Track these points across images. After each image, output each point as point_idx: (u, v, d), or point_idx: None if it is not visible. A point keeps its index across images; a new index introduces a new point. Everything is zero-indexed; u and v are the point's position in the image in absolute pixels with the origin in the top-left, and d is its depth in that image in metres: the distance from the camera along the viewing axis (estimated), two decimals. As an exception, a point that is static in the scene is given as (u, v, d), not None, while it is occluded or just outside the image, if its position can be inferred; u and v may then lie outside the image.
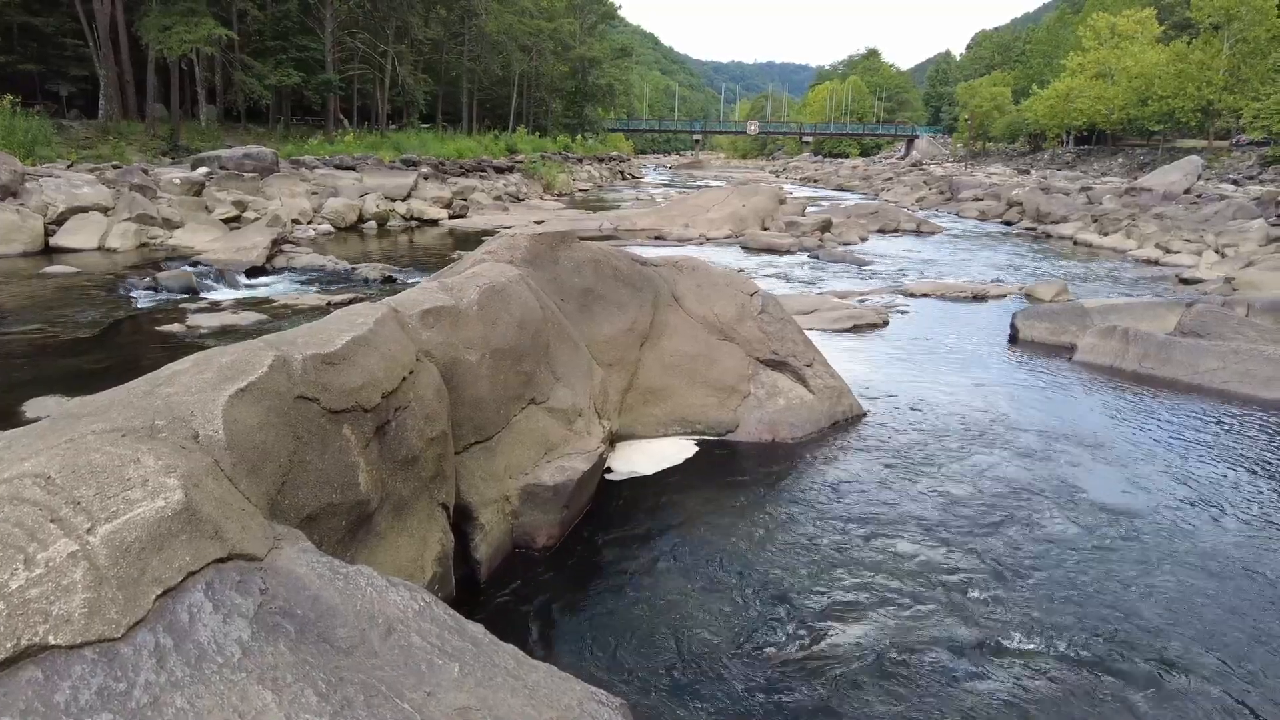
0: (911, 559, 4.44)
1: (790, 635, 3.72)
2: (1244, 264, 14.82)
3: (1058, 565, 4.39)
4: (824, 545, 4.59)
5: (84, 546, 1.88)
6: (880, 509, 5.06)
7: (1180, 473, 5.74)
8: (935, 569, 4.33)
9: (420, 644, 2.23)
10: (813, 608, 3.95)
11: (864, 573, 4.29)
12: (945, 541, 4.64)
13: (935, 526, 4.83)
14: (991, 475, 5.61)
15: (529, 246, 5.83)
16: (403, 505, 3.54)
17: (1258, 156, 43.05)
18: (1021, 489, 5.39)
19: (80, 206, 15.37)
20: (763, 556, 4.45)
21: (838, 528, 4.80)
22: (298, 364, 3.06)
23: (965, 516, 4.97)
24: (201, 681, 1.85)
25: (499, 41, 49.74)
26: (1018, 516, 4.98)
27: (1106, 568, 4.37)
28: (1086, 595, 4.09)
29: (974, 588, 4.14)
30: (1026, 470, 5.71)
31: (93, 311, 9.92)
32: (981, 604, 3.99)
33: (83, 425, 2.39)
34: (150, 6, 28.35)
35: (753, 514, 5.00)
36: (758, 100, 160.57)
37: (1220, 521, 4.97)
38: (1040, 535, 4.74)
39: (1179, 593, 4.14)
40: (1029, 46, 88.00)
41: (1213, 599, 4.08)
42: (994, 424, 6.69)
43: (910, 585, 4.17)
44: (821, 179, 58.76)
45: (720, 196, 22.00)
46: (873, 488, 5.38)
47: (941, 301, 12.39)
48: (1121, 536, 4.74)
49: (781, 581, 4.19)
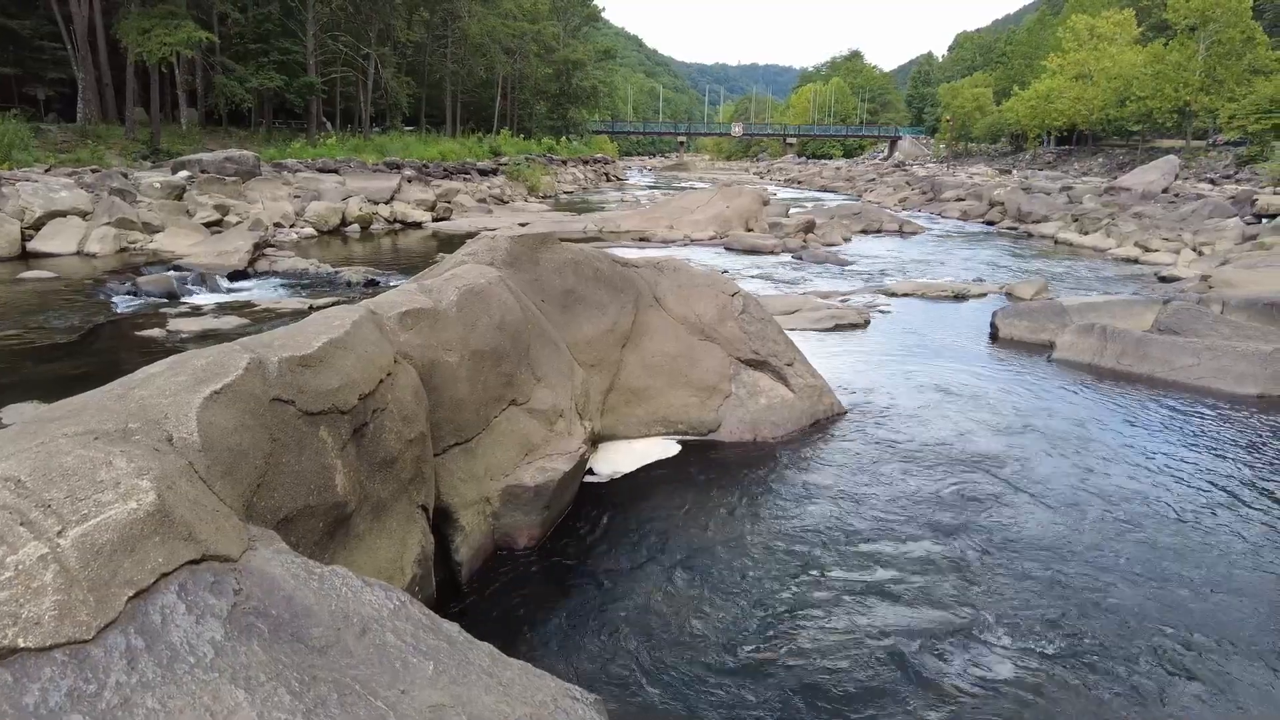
0: (890, 557, 4.49)
1: (769, 633, 3.75)
2: (1220, 262, 15.03)
3: (1036, 561, 4.44)
4: (804, 544, 4.62)
5: (54, 549, 1.88)
6: (860, 507, 5.11)
7: (1156, 468, 5.82)
8: (913, 566, 4.38)
9: (395, 643, 2.24)
10: (792, 606, 3.98)
11: (843, 571, 4.33)
12: (924, 539, 4.69)
13: (914, 524, 4.88)
14: (970, 473, 5.67)
15: (509, 248, 5.84)
16: (381, 507, 3.54)
17: (1233, 156, 43.64)
18: (1000, 486, 5.45)
19: (58, 211, 15.22)
20: (743, 556, 4.48)
21: (818, 526, 4.84)
22: (273, 366, 3.06)
23: (944, 514, 5.02)
24: (173, 682, 1.85)
25: (482, 44, 49.62)
26: (997, 513, 5.04)
27: (1084, 562, 4.43)
28: (1064, 590, 4.15)
29: (952, 585, 4.19)
30: (1005, 467, 5.78)
31: (71, 316, 9.84)
32: (959, 601, 4.04)
33: (54, 428, 2.39)
34: (129, 9, 28.08)
35: (734, 513, 5.03)
36: (741, 102, 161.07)
37: (1196, 514, 5.05)
38: (1019, 532, 4.79)
39: (1154, 585, 4.20)
40: (1010, 48, 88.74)
41: (1189, 591, 4.15)
42: (973, 422, 6.76)
43: (889, 583, 4.21)
44: (805, 180, 59.02)
45: (704, 198, 22.06)
46: (853, 486, 5.43)
47: (923, 301, 12.49)
48: (1099, 532, 4.80)
49: (761, 580, 4.22)
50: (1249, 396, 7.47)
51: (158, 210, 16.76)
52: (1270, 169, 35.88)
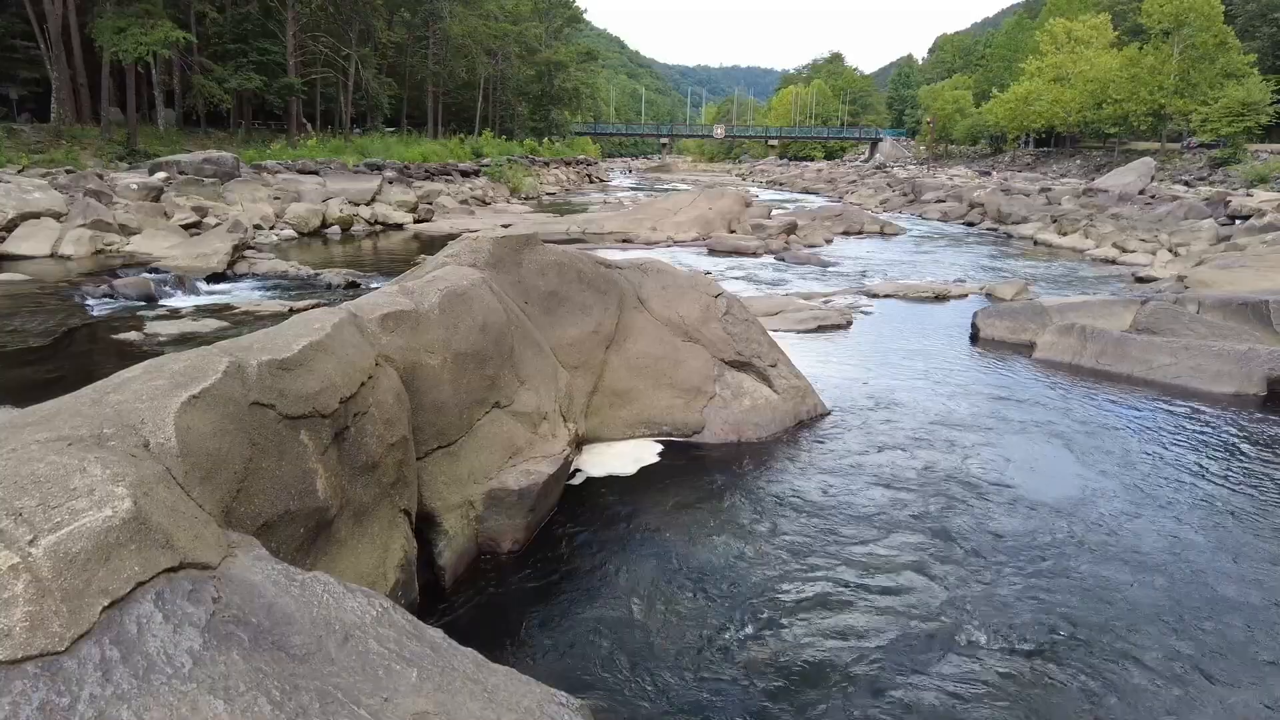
0: (874, 557, 4.50)
1: (753, 635, 3.74)
2: (1195, 262, 15.24)
3: (1019, 559, 4.47)
4: (788, 545, 4.62)
5: (25, 558, 1.83)
6: (844, 507, 5.12)
7: (1135, 466, 5.88)
8: (897, 566, 4.39)
9: (378, 650, 2.21)
10: (776, 608, 3.98)
11: (827, 571, 4.33)
12: (907, 538, 4.70)
13: (898, 524, 4.89)
14: (952, 472, 5.70)
15: (492, 250, 5.80)
16: (363, 512, 3.50)
17: (1207, 158, 44.36)
18: (983, 485, 5.48)
19: (31, 212, 14.97)
20: (727, 557, 4.48)
21: (802, 527, 4.84)
22: (253, 370, 3.01)
23: (926, 513, 5.04)
24: (149, 693, 1.81)
25: (463, 45, 49.39)
26: (980, 512, 5.06)
27: (1062, 559, 4.46)
28: (1042, 587, 4.17)
29: (936, 584, 4.20)
30: (986, 466, 5.81)
31: (46, 320, 9.67)
32: (944, 600, 4.05)
33: (26, 435, 2.33)
34: (104, 8, 27.67)
35: (718, 514, 5.02)
36: (724, 104, 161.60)
37: (1174, 510, 5.10)
38: (1000, 530, 4.82)
39: (1132, 582, 4.24)
40: (989, 50, 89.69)
41: (1165, 586, 4.19)
42: (954, 421, 6.80)
43: (872, 583, 4.22)
44: (787, 182, 59.25)
45: (687, 200, 22.08)
46: (837, 486, 5.44)
47: (904, 302, 12.57)
48: (1079, 529, 4.84)
49: (746, 582, 4.21)
50: (1225, 395, 7.57)
51: (134, 212, 16.52)
52: (1243, 171, 36.50)
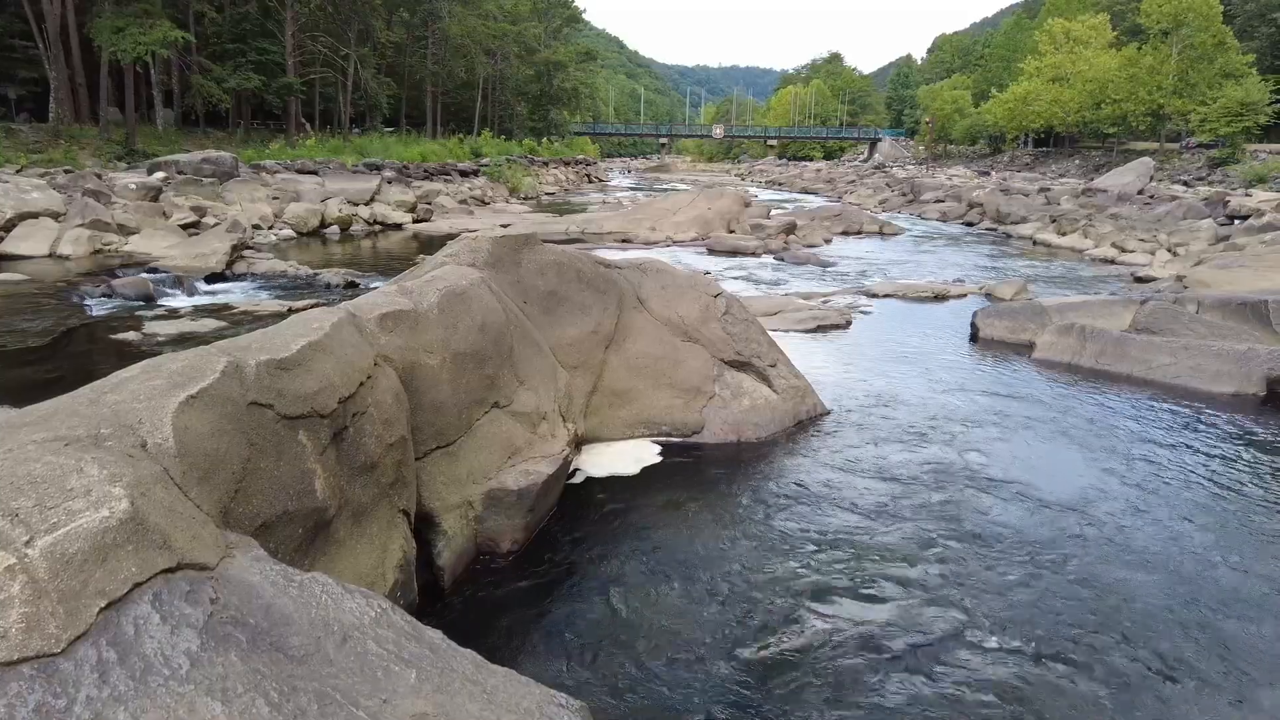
0: (874, 555, 4.49)
1: (753, 636, 3.73)
2: (1194, 262, 15.24)
3: (1015, 558, 4.46)
4: (788, 545, 4.61)
5: (21, 559, 1.82)
6: (844, 506, 5.11)
7: (1133, 464, 5.88)
8: (897, 565, 4.38)
9: (376, 651, 2.20)
10: (776, 608, 3.97)
11: (828, 571, 4.32)
12: (907, 537, 4.70)
13: (897, 523, 4.88)
14: (951, 471, 5.69)
15: (491, 249, 5.79)
16: (362, 512, 3.49)
17: (1206, 158, 44.37)
18: (983, 484, 5.48)
19: (30, 212, 14.95)
20: (727, 558, 4.47)
21: (802, 527, 4.83)
22: (251, 370, 3.00)
23: (927, 512, 5.03)
24: (147, 695, 1.80)
25: (462, 45, 49.35)
26: (980, 511, 5.06)
27: (1062, 558, 4.45)
28: (1043, 587, 4.16)
29: (936, 583, 4.20)
30: (986, 466, 5.81)
31: (44, 320, 9.66)
32: (944, 599, 4.04)
33: (23, 435, 2.32)
34: (103, 8, 27.62)
35: (718, 515, 5.01)
36: (723, 104, 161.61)
37: (1173, 509, 5.10)
38: (1000, 530, 4.81)
39: (1131, 581, 4.23)
40: (988, 50, 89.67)
41: (1164, 585, 4.18)
42: (954, 421, 6.79)
43: (873, 582, 4.21)
44: (786, 182, 59.23)
45: (686, 200, 22.07)
46: (836, 485, 5.43)
47: (904, 302, 12.56)
48: (1078, 528, 4.83)
49: (746, 582, 4.20)
50: (1225, 394, 7.57)
51: (133, 212, 16.50)
52: (1242, 171, 36.52)
